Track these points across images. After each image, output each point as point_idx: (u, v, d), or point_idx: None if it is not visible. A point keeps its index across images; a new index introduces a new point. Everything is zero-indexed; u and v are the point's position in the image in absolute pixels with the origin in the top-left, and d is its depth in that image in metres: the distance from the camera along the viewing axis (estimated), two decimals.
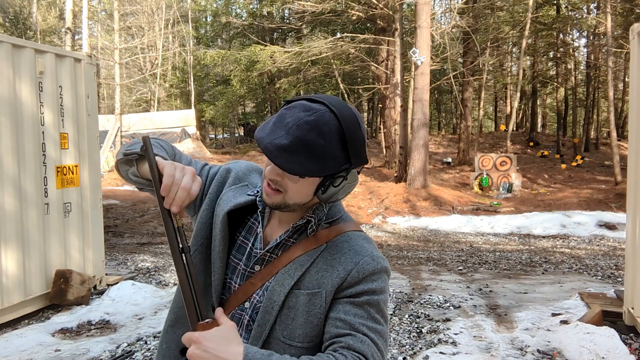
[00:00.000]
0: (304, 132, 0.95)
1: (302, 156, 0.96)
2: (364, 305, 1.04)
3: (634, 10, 19.48)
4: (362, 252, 1.07)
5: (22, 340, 4.18)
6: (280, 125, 0.98)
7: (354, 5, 17.16)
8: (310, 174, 0.98)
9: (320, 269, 1.06)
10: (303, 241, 1.09)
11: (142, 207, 12.84)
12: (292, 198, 1.04)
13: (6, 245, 4.49)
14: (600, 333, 3.87)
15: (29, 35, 26.35)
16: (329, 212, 1.14)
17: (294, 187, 1.03)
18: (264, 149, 0.96)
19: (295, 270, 1.06)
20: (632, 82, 4.30)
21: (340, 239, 1.10)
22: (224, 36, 30.73)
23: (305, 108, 0.98)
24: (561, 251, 8.71)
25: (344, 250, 1.07)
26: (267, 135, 0.98)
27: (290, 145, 0.95)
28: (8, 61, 4.50)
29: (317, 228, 1.11)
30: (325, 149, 0.97)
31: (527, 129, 28.15)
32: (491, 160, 16.00)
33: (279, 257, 1.09)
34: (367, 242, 1.11)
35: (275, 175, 1.02)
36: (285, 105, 1.03)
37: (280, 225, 1.13)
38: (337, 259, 1.06)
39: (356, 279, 1.04)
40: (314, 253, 1.07)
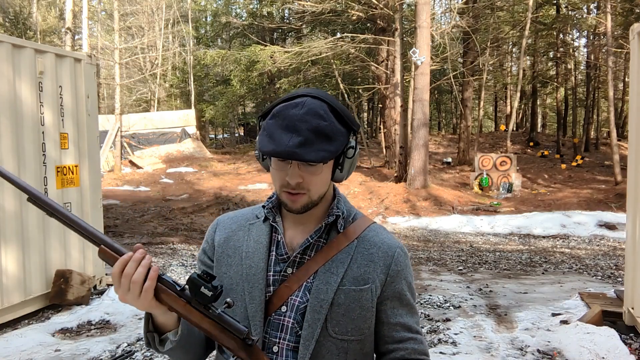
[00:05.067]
0: (309, 122, 1.00)
1: (320, 142, 1.00)
2: (410, 302, 1.16)
3: (634, 10, 19.48)
4: (392, 244, 1.15)
5: (22, 340, 4.18)
6: (281, 131, 1.01)
7: (354, 5, 17.16)
8: (333, 155, 1.02)
9: (361, 265, 1.10)
10: (334, 240, 1.12)
11: (142, 207, 12.85)
12: (317, 192, 1.08)
13: (6, 245, 4.49)
14: (600, 333, 3.87)
15: (29, 35, 26.34)
16: (347, 206, 1.18)
17: (316, 180, 1.07)
18: (287, 155, 0.99)
19: (338, 268, 1.09)
20: (632, 82, 4.30)
21: (368, 233, 1.15)
22: (224, 36, 30.72)
23: (292, 106, 1.03)
24: (561, 251, 8.71)
25: (377, 244, 1.14)
26: (278, 145, 1.00)
27: (307, 139, 0.99)
28: (8, 61, 4.50)
29: (345, 224, 1.15)
30: (332, 128, 1.03)
31: (527, 129, 28.15)
32: (491, 160, 16.00)
33: (312, 258, 1.11)
34: (388, 233, 1.19)
35: (298, 177, 1.04)
36: (264, 118, 1.07)
37: (300, 227, 1.15)
38: (374, 254, 1.12)
39: (396, 272, 1.13)
40: (349, 250, 1.11)
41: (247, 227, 1.20)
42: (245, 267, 1.14)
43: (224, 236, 1.21)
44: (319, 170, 1.06)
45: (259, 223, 1.19)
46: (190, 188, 15.98)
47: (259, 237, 1.17)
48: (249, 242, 1.17)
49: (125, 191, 15.37)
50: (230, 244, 1.19)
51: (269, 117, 1.05)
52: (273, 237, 1.16)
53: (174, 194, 15.13)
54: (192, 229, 10.60)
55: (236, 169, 20.10)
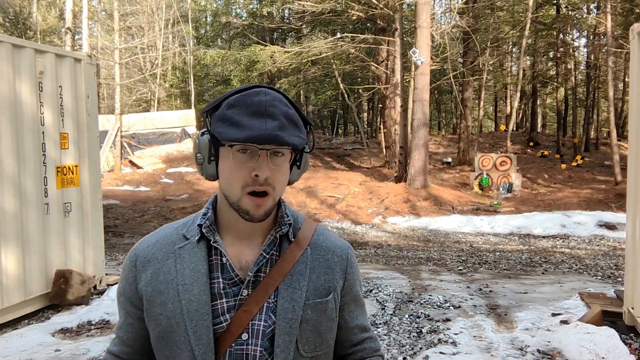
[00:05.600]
0: (279, 108, 0.95)
1: (293, 129, 0.96)
2: (363, 301, 1.14)
3: (634, 10, 19.49)
4: (343, 246, 1.11)
5: (22, 340, 4.18)
6: (251, 117, 0.93)
7: (354, 5, 17.16)
8: (303, 142, 0.98)
9: (321, 274, 1.05)
10: (287, 251, 1.04)
11: (142, 207, 12.85)
12: (279, 192, 1.00)
13: (6, 245, 4.49)
14: (600, 333, 3.86)
15: (29, 35, 26.34)
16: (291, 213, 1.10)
17: (280, 177, 0.99)
18: (268, 139, 0.92)
19: (299, 282, 1.02)
20: (632, 82, 4.30)
21: (318, 238, 1.09)
22: (224, 36, 30.73)
23: (254, 94, 0.96)
24: (561, 251, 8.71)
25: (330, 248, 1.08)
26: (253, 130, 0.92)
27: (282, 123, 0.94)
28: (8, 61, 4.50)
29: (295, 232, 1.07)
30: (297, 116, 0.99)
31: (527, 129, 28.15)
32: (491, 160, 16.00)
33: (269, 275, 1.01)
34: (333, 233, 1.15)
35: (268, 170, 0.95)
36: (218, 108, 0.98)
37: (245, 241, 1.04)
38: (330, 260, 1.07)
39: (352, 275, 1.10)
40: (305, 259, 1.04)
41: (176, 253, 1.03)
42: (184, 303, 0.98)
43: (150, 271, 1.03)
44: (285, 165, 0.99)
45: (190, 246, 1.03)
46: (190, 188, 15.98)
47: (195, 264, 1.01)
48: (184, 272, 1.00)
49: (125, 191, 15.37)
50: (160, 278, 1.02)
51: (224, 108, 0.96)
52: (213, 260, 1.02)
53: (174, 194, 15.13)
54: None
55: None
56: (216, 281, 1.00)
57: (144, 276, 1.03)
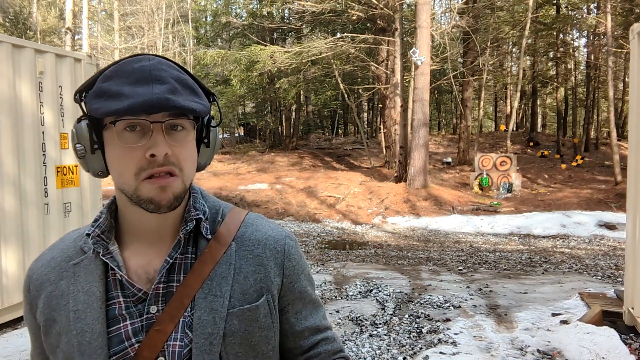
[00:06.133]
0: (168, 71, 0.79)
1: (188, 93, 0.80)
2: (312, 297, 0.97)
3: (634, 10, 19.49)
4: (278, 236, 0.93)
5: (22, 340, 4.18)
6: (133, 85, 0.76)
7: (354, 5, 17.16)
8: (206, 111, 0.82)
9: (249, 273, 0.87)
10: (205, 250, 0.85)
11: None
12: (188, 172, 0.83)
13: (6, 245, 4.49)
14: (600, 333, 3.87)
15: (29, 35, 26.34)
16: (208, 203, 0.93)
17: (186, 154, 0.82)
18: (157, 104, 0.74)
19: (221, 287, 0.84)
20: (632, 82, 4.30)
21: (246, 230, 0.91)
22: (224, 36, 30.72)
23: (136, 61, 0.79)
24: (561, 251, 8.71)
25: (261, 240, 0.90)
26: (136, 97, 0.74)
27: (174, 87, 0.77)
28: (8, 61, 4.50)
29: (212, 226, 0.89)
30: (193, 82, 0.83)
31: (527, 129, 28.15)
32: (491, 160, 16.00)
33: (183, 283, 0.83)
34: (269, 222, 0.96)
35: (167, 147, 0.78)
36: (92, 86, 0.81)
37: (155, 247, 0.86)
38: (261, 255, 0.89)
39: (292, 269, 0.92)
40: (229, 258, 0.86)
41: (70, 271, 0.85)
42: (76, 334, 0.81)
43: (43, 296, 0.86)
44: (188, 140, 0.81)
45: (87, 261, 0.85)
46: None
47: (89, 285, 0.83)
48: (77, 295, 0.83)
49: None
50: (52, 304, 0.85)
51: (99, 83, 0.79)
52: (110, 276, 0.84)
53: None
54: None
55: (236, 169, 20.09)
56: (115, 301, 0.83)
57: (39, 303, 0.86)
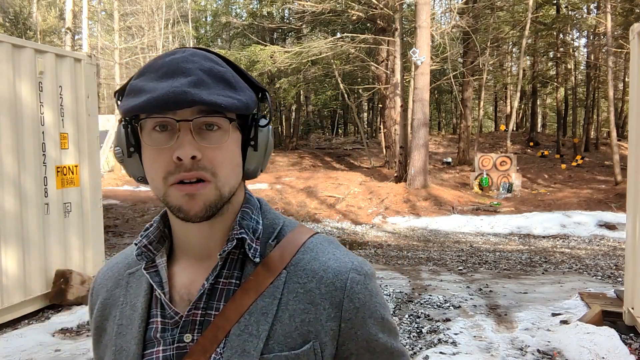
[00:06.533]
0: (198, 63, 0.69)
1: (219, 87, 0.68)
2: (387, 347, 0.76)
3: (634, 10, 19.49)
4: (341, 267, 0.73)
5: (22, 340, 4.18)
6: (157, 81, 0.67)
7: (354, 5, 17.16)
8: (242, 106, 0.69)
9: (297, 312, 0.71)
10: (250, 277, 0.72)
11: (142, 207, 12.84)
12: (226, 178, 0.70)
13: (6, 245, 4.49)
14: (600, 333, 3.87)
15: (29, 35, 26.35)
16: (265, 220, 0.79)
17: (222, 157, 0.69)
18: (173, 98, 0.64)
19: (259, 324, 0.70)
20: (632, 82, 4.30)
21: (303, 257, 0.74)
22: (224, 36, 30.72)
23: (168, 54, 0.71)
24: (561, 251, 8.71)
25: (316, 272, 0.73)
26: (154, 91, 0.65)
27: (200, 78, 0.67)
28: (8, 61, 4.50)
29: (262, 248, 0.75)
30: (232, 75, 0.71)
31: (527, 129, 28.15)
32: (491, 160, 16.00)
33: (219, 314, 0.71)
34: (336, 247, 0.78)
35: (193, 148, 0.66)
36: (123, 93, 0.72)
37: (204, 263, 0.75)
38: (313, 290, 0.72)
39: (355, 312, 0.72)
40: (275, 290, 0.72)
41: (125, 280, 0.80)
42: (115, 351, 0.76)
43: (99, 302, 0.82)
44: (225, 141, 0.69)
45: (140, 272, 0.78)
46: None
47: (136, 299, 0.77)
48: (125, 308, 0.78)
49: (125, 191, 15.37)
50: (105, 312, 0.81)
51: (133, 79, 0.71)
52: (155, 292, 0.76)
53: None
54: None
55: None
56: (154, 321, 0.75)
57: (95, 308, 0.83)
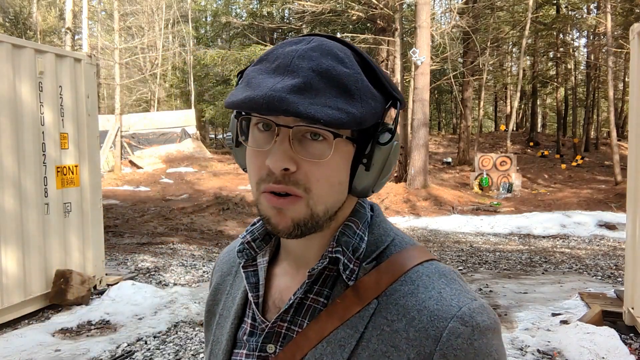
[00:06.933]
0: (315, 61, 0.59)
1: (331, 95, 0.57)
2: None
3: (634, 10, 19.49)
4: (441, 310, 0.59)
5: (22, 340, 4.18)
6: (267, 75, 0.60)
7: (354, 5, 17.17)
8: (353, 121, 0.57)
9: (377, 353, 0.60)
10: (337, 301, 0.64)
11: (142, 207, 12.85)
12: (321, 197, 0.61)
13: (6, 245, 4.49)
14: (600, 333, 3.87)
15: (29, 35, 26.35)
16: (371, 235, 0.68)
17: (320, 174, 0.60)
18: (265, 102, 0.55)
19: (333, 357, 0.61)
20: (632, 82, 4.30)
21: (400, 287, 0.62)
22: (224, 36, 30.74)
23: (293, 42, 0.63)
24: (561, 251, 8.71)
25: (409, 309, 0.60)
26: (254, 90, 0.58)
27: (307, 82, 0.57)
28: (8, 61, 4.50)
29: (357, 271, 0.65)
30: (356, 79, 0.60)
31: (527, 129, 28.16)
32: (491, 160, 16.00)
33: (304, 331, 0.64)
34: (448, 283, 0.63)
35: (286, 159, 0.59)
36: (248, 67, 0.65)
37: (296, 270, 0.70)
38: (400, 332, 0.59)
39: None
40: (359, 321, 0.62)
41: (235, 269, 0.78)
42: (213, 341, 0.75)
43: (213, 285, 0.81)
44: (326, 154, 0.59)
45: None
46: (190, 188, 15.98)
47: (238, 292, 0.75)
48: (228, 298, 0.76)
49: (125, 191, 15.38)
50: (217, 296, 0.79)
51: (252, 64, 0.65)
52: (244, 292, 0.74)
53: (174, 194, 15.13)
54: (192, 229, 10.60)
55: (236, 169, 20.09)
56: (246, 322, 0.71)
57: (210, 291, 0.82)
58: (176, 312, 4.93)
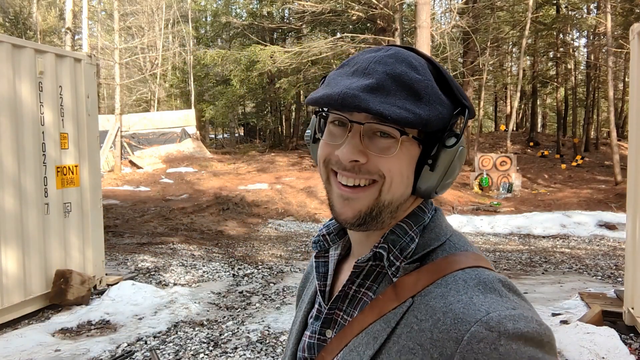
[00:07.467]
0: (390, 66, 0.65)
1: (401, 97, 0.63)
2: None
3: (634, 10, 19.49)
4: (465, 313, 0.59)
5: (22, 340, 4.18)
6: (346, 77, 0.67)
7: (354, 5, 17.17)
8: (419, 121, 0.63)
9: (405, 349, 0.61)
10: (379, 296, 0.68)
11: (142, 207, 12.84)
12: (393, 185, 0.66)
13: (6, 245, 4.49)
14: (600, 333, 3.87)
15: (29, 35, 26.35)
16: (422, 238, 0.70)
17: (390, 165, 0.65)
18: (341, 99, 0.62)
19: (366, 348, 0.65)
20: (632, 82, 4.30)
21: (433, 289, 0.64)
22: (224, 36, 30.73)
23: (373, 50, 0.70)
24: (561, 251, 8.71)
25: (436, 311, 0.61)
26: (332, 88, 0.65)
27: (380, 84, 0.63)
28: (8, 61, 4.50)
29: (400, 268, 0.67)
30: (426, 85, 0.65)
31: (527, 129, 28.16)
32: (491, 160, 16.00)
33: (351, 322, 0.70)
34: (484, 291, 0.61)
35: (356, 152, 0.65)
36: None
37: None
38: (425, 331, 0.61)
39: None
40: (393, 317, 0.65)
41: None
42: (295, 321, 0.83)
43: (306, 271, 0.88)
44: (392, 151, 0.65)
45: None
46: (190, 188, 15.98)
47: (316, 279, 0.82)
48: (310, 286, 0.84)
49: (125, 191, 15.37)
50: (305, 283, 0.88)
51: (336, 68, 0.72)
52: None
53: (174, 194, 15.13)
54: (192, 229, 10.60)
55: (236, 169, 20.09)
56: (316, 307, 0.78)
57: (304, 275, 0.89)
58: (176, 312, 4.93)
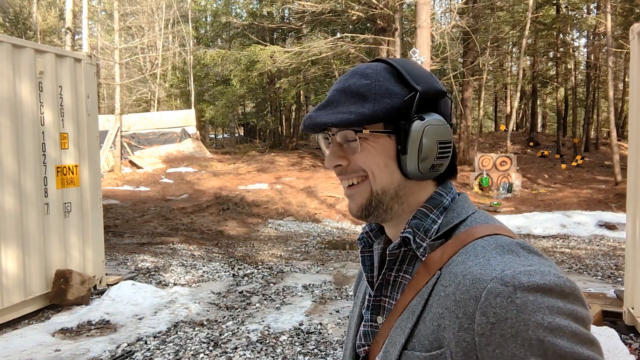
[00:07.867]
0: (342, 82, 0.77)
1: (348, 104, 0.74)
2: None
3: (634, 10, 19.48)
4: (482, 273, 0.63)
5: (22, 340, 4.18)
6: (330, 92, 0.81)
7: (354, 5, 17.17)
8: (363, 118, 0.72)
9: (436, 315, 0.67)
10: (415, 276, 0.74)
11: (142, 207, 12.84)
12: (376, 177, 0.76)
13: (6, 245, 4.49)
14: (600, 333, 3.86)
15: (29, 35, 26.35)
16: (445, 218, 0.76)
17: (364, 158, 0.75)
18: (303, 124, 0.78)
19: (407, 322, 0.71)
20: (632, 82, 4.30)
21: (455, 258, 0.69)
22: (224, 36, 30.72)
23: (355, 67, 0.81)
24: (561, 251, 8.71)
25: (457, 275, 0.66)
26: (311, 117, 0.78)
27: (330, 100, 0.76)
28: (8, 61, 4.51)
29: (428, 246, 0.74)
30: (373, 86, 0.74)
31: (527, 129, 28.15)
32: (491, 160, 16.00)
33: (395, 304, 0.77)
34: (502, 253, 0.65)
35: (335, 158, 0.78)
36: None
37: None
38: (450, 296, 0.66)
39: (489, 327, 0.60)
40: (425, 290, 0.71)
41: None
42: (352, 316, 0.89)
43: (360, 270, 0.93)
44: (358, 149, 0.76)
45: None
46: (190, 188, 15.98)
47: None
48: (364, 282, 0.90)
49: (125, 191, 15.37)
50: (360, 280, 0.95)
51: None
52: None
53: (174, 194, 15.13)
54: (192, 229, 10.60)
55: (236, 169, 20.09)
56: (366, 297, 0.84)
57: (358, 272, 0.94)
58: (176, 312, 4.93)
